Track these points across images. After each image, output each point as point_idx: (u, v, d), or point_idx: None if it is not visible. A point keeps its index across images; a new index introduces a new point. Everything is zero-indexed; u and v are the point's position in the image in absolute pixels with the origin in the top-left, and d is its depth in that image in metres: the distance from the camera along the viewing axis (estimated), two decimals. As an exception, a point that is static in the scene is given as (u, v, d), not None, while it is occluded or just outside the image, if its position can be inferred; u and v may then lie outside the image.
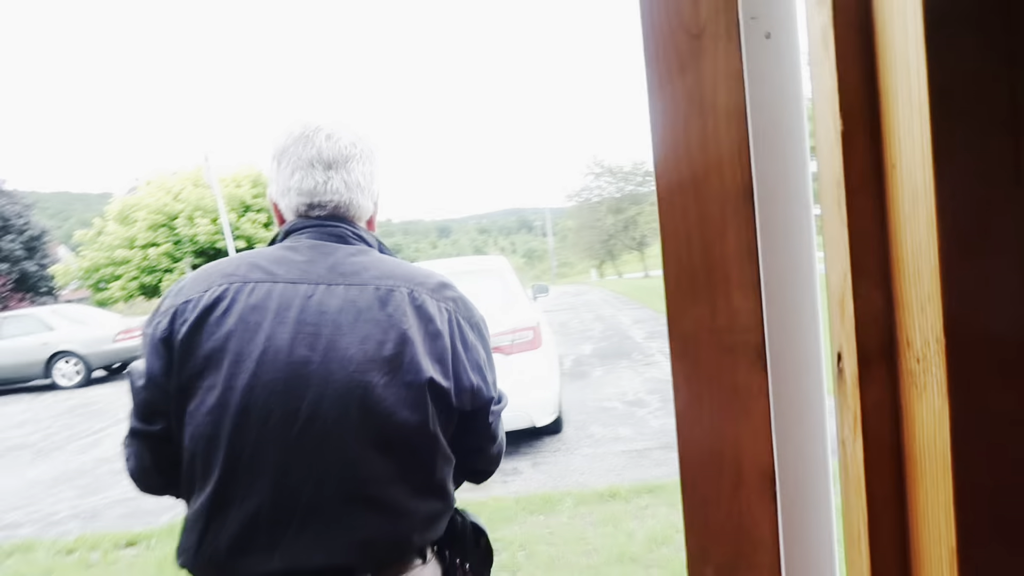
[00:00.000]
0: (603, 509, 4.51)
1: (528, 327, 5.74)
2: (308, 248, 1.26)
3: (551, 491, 4.94)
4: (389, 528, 1.18)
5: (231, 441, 1.14)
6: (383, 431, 1.16)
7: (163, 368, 1.19)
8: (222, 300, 1.19)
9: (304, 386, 1.15)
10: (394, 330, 1.19)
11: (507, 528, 4.37)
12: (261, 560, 1.14)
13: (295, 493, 1.15)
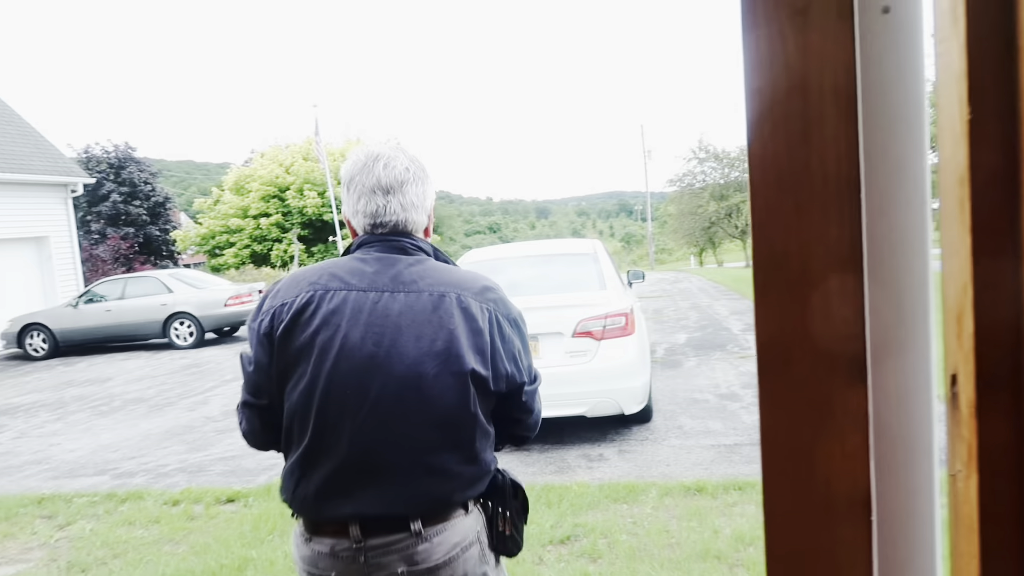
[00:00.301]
0: (689, 503, 4.41)
1: (621, 313, 5.65)
2: (375, 260, 1.60)
3: (636, 480, 4.87)
4: (437, 488, 1.54)
5: (317, 415, 1.51)
6: (433, 411, 1.51)
7: (267, 358, 1.56)
8: (309, 304, 1.54)
9: (372, 375, 1.50)
10: (443, 329, 1.52)
11: (589, 514, 4.34)
12: (338, 505, 1.53)
13: (364, 457, 1.52)
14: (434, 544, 1.57)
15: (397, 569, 1.56)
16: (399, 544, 1.56)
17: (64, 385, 10.71)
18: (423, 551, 1.56)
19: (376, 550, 1.55)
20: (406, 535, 1.55)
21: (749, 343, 9.78)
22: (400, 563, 1.55)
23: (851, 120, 0.52)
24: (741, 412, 6.36)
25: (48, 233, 16.26)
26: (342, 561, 1.57)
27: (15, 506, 5.22)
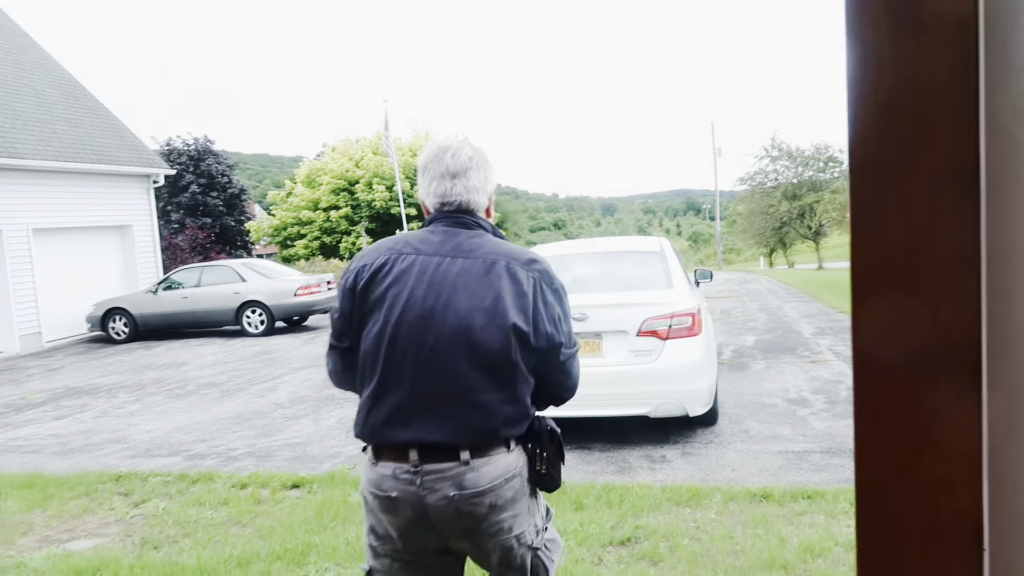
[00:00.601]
0: (754, 510, 4.29)
1: (687, 312, 5.53)
2: (441, 232, 1.94)
3: (699, 484, 4.76)
4: (482, 422, 1.84)
5: (386, 356, 1.85)
6: (480, 357, 1.82)
7: (349, 308, 1.92)
8: (385, 265, 1.90)
9: (430, 324, 1.83)
10: (492, 290, 1.85)
11: (650, 517, 4.26)
12: (401, 432, 1.85)
13: (423, 393, 1.83)
14: (480, 473, 1.86)
15: (448, 492, 1.84)
16: (450, 471, 1.85)
17: (143, 368, 11.15)
18: (471, 478, 1.85)
19: (431, 475, 1.85)
20: (456, 463, 1.85)
21: (820, 347, 9.48)
22: (451, 487, 1.84)
23: (970, 103, 0.47)
24: (811, 418, 6.16)
25: (131, 222, 16.95)
26: (401, 482, 1.87)
27: (95, 482, 5.45)
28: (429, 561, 1.99)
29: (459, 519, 1.87)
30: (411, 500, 1.87)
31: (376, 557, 2.03)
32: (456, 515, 1.87)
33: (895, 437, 0.49)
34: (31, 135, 14.93)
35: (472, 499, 1.85)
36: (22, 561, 4.10)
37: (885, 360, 0.50)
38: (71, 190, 15.44)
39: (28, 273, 14.24)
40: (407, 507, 1.88)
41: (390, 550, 1.98)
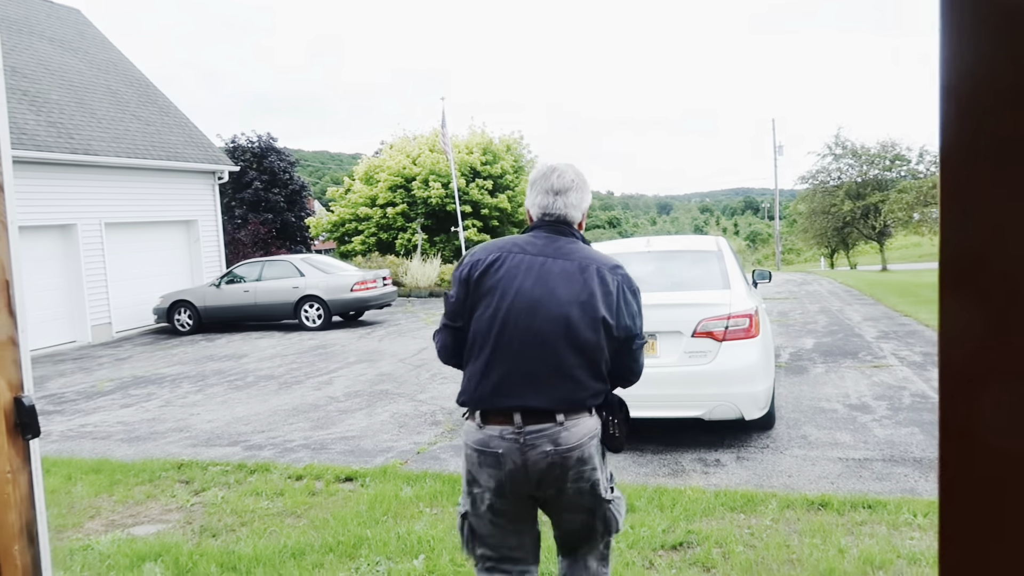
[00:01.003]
0: (812, 518, 4.17)
1: (745, 314, 5.41)
2: (544, 237, 2.40)
3: (755, 490, 4.66)
4: (574, 392, 2.28)
5: (496, 336, 2.29)
6: (575, 340, 2.27)
7: (464, 294, 2.36)
8: (497, 261, 2.34)
9: (535, 311, 2.27)
10: (586, 287, 2.30)
11: (703, 522, 4.19)
12: (507, 399, 2.27)
13: (527, 367, 2.27)
14: (571, 432, 2.29)
15: (546, 448, 2.27)
16: (548, 431, 2.28)
17: (205, 359, 11.48)
18: (564, 436, 2.28)
19: (532, 434, 2.28)
20: (552, 424, 2.28)
21: (884, 352, 9.18)
22: (548, 443, 2.27)
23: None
24: (873, 425, 5.97)
25: (197, 217, 17.47)
26: (507, 441, 2.29)
27: (158, 469, 5.63)
28: (514, 507, 2.40)
29: (552, 470, 2.30)
30: (514, 455, 2.30)
31: (472, 503, 2.46)
32: (550, 467, 2.29)
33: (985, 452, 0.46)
34: (105, 132, 15.51)
35: (565, 453, 2.29)
36: (89, 544, 4.26)
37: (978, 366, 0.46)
38: (141, 186, 15.99)
39: (100, 266, 14.80)
40: (510, 461, 2.31)
41: (485, 497, 2.39)
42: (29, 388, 1.54)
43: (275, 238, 26.11)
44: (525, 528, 2.47)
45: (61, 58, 16.95)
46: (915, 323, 11.61)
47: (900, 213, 33.05)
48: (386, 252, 26.62)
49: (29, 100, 14.55)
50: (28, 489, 1.54)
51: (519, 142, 30.61)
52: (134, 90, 18.08)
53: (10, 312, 1.50)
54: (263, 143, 28.14)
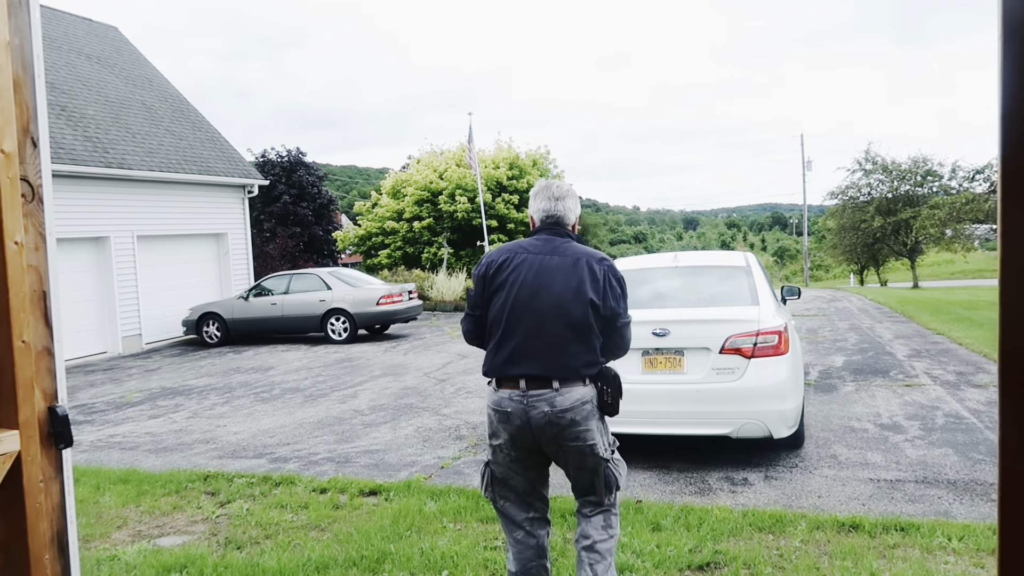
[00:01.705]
0: (842, 540, 4.09)
1: (774, 330, 5.35)
2: (544, 238, 3.04)
3: (783, 510, 4.58)
4: (568, 362, 2.85)
5: (506, 320, 2.90)
6: (568, 319, 2.85)
7: (481, 288, 2.99)
8: (507, 260, 2.97)
9: (535, 298, 2.87)
10: (577, 277, 2.89)
11: (731, 541, 4.12)
12: (514, 368, 2.87)
13: (530, 343, 2.86)
14: (565, 397, 2.87)
15: (544, 408, 2.85)
16: (546, 394, 2.87)
17: (232, 371, 11.59)
18: (559, 400, 2.86)
19: (533, 397, 2.87)
20: (549, 389, 2.87)
21: (916, 370, 9.01)
22: (546, 405, 2.86)
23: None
24: (905, 445, 5.85)
25: (227, 230, 17.71)
26: (514, 402, 2.90)
27: (184, 480, 5.68)
28: (527, 458, 2.99)
29: (550, 427, 2.87)
30: (519, 414, 2.89)
31: (493, 454, 3.06)
32: (548, 424, 2.86)
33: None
34: (139, 147, 15.81)
35: (559, 413, 2.86)
36: (115, 554, 4.29)
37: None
38: (173, 199, 16.26)
39: (132, 278, 15.04)
40: (516, 418, 2.90)
41: (503, 448, 3.00)
42: (63, 398, 1.55)
43: (303, 251, 26.37)
44: (532, 475, 3.05)
45: (98, 74, 17.34)
46: (948, 341, 11.40)
47: (932, 229, 32.55)
48: (412, 266, 26.75)
49: (67, 115, 14.88)
50: (60, 498, 1.56)
51: (545, 157, 30.68)
52: (168, 105, 18.43)
53: (47, 322, 1.52)
54: (292, 157, 28.50)
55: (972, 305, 17.36)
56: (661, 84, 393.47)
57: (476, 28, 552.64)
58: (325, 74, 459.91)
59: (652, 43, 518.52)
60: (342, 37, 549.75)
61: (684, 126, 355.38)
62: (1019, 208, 0.44)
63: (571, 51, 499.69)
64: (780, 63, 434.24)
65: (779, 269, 64.94)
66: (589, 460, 2.94)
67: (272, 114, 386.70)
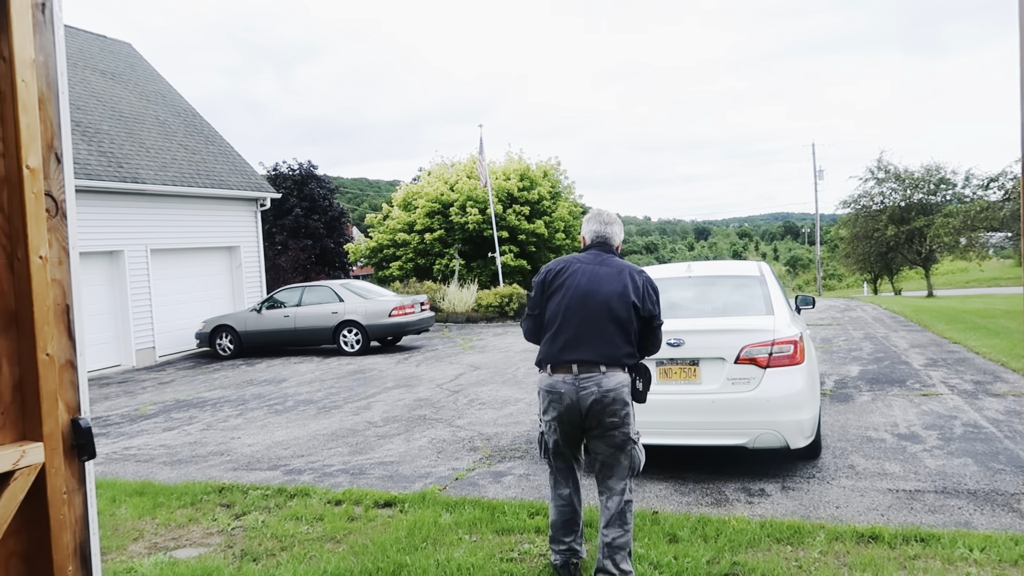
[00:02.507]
0: (862, 551, 4.05)
1: (789, 340, 5.32)
2: (594, 254, 3.84)
3: (801, 521, 4.54)
4: (612, 352, 3.57)
5: (562, 316, 3.65)
6: (614, 316, 3.60)
7: (540, 292, 3.79)
8: (564, 268, 3.76)
9: (587, 299, 3.63)
10: (621, 283, 3.66)
11: (749, 553, 4.09)
12: (567, 355, 3.59)
13: (583, 335, 3.59)
14: (609, 379, 3.55)
15: (592, 388, 3.52)
16: (595, 376, 3.55)
17: (245, 383, 11.62)
18: (604, 381, 3.54)
19: (583, 378, 3.55)
20: (597, 372, 3.55)
21: (933, 380, 8.93)
22: (594, 386, 3.53)
23: None
24: (923, 455, 5.79)
25: (239, 243, 17.82)
26: (567, 384, 3.57)
27: (200, 493, 5.69)
28: (571, 432, 3.70)
29: (595, 405, 3.55)
30: (571, 393, 3.59)
31: (546, 426, 3.76)
32: (594, 402, 3.55)
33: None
34: (152, 161, 15.96)
35: (604, 393, 3.55)
36: (132, 567, 4.30)
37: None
38: (186, 213, 16.38)
39: (145, 291, 15.15)
40: (567, 397, 3.60)
41: (553, 422, 3.70)
42: (86, 410, 1.56)
43: (315, 264, 26.48)
44: (575, 444, 3.79)
45: (112, 90, 17.53)
46: (965, 350, 11.29)
47: (946, 238, 32.34)
48: (423, 277, 26.81)
49: (81, 131, 15.05)
50: (83, 510, 1.56)
51: (556, 168, 30.72)
52: (181, 120, 18.60)
53: (70, 336, 1.53)
54: (304, 170, 28.67)
55: (988, 314, 17.21)
56: (671, 94, 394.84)
57: (486, 40, 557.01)
58: (335, 88, 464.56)
59: (662, 53, 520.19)
60: (351, 51, 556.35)
61: (694, 136, 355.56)
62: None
63: (581, 62, 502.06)
64: (790, 72, 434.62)
65: (792, 279, 64.64)
66: (619, 437, 3.61)
67: (283, 127, 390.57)
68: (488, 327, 19.01)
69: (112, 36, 20.31)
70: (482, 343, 15.36)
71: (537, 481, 5.68)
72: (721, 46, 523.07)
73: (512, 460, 6.32)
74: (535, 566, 4.07)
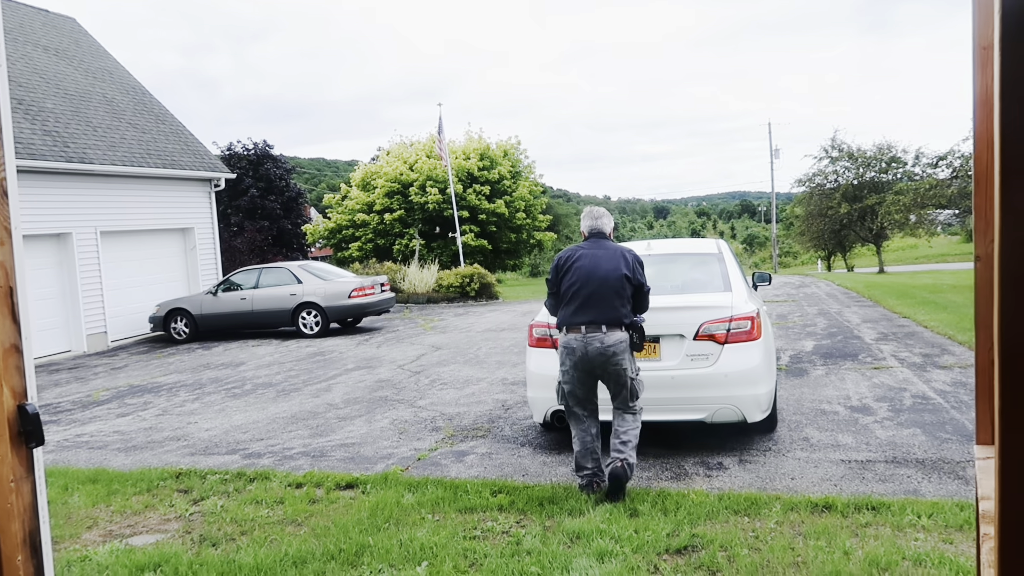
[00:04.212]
0: (816, 520, 4.16)
1: (746, 316, 5.40)
2: (594, 243, 5.00)
3: (758, 492, 4.64)
4: (612, 314, 4.71)
5: (573, 292, 4.80)
6: (613, 288, 4.75)
7: (556, 276, 4.95)
8: (572, 256, 4.94)
9: (592, 276, 4.78)
10: (616, 261, 4.81)
11: (707, 525, 4.17)
12: (579, 317, 4.75)
13: (588, 303, 4.74)
14: (611, 337, 4.67)
15: (596, 344, 4.64)
16: (599, 335, 4.66)
17: (202, 367, 11.43)
18: (605, 339, 4.66)
19: (589, 336, 4.67)
20: (601, 331, 4.67)
21: (883, 353, 9.18)
22: (597, 342, 4.65)
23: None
24: (874, 426, 5.96)
25: (193, 224, 17.42)
26: (577, 340, 4.70)
27: (156, 479, 5.59)
28: (585, 378, 4.75)
29: (600, 356, 4.65)
30: (580, 348, 4.67)
31: (563, 376, 4.80)
32: (599, 355, 4.64)
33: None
34: (100, 140, 15.48)
35: (606, 347, 4.64)
36: (87, 555, 4.22)
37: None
38: (137, 194, 15.95)
39: (95, 274, 14.75)
40: (578, 351, 4.68)
41: (570, 371, 4.75)
42: (33, 395, 1.52)
43: (272, 245, 26.05)
44: (590, 389, 4.82)
45: (56, 67, 16.92)
46: (914, 324, 11.62)
47: (897, 215, 33.10)
48: (383, 258, 26.58)
49: (24, 109, 14.51)
50: (32, 498, 1.52)
51: (516, 147, 30.60)
52: (130, 98, 18.05)
53: (14, 319, 1.48)
54: (259, 150, 28.10)
55: (936, 289, 17.71)
56: (629, 73, 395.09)
57: (443, 18, 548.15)
58: (291, 66, 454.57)
59: (619, 32, 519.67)
60: (308, 29, 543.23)
61: (653, 116, 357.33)
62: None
63: (542, 40, 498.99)
64: (747, 52, 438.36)
65: (748, 256, 65.66)
66: (622, 378, 4.71)
67: (238, 106, 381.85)
68: (449, 307, 18.96)
69: (55, 10, 19.56)
70: (443, 323, 15.32)
71: (499, 460, 5.70)
72: (683, 23, 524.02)
73: (474, 439, 6.33)
74: (498, 543, 4.09)
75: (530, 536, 4.15)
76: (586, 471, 4.82)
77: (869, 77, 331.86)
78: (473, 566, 3.85)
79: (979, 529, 0.99)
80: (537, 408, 5.78)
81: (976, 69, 1.29)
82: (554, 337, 5.69)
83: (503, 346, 11.62)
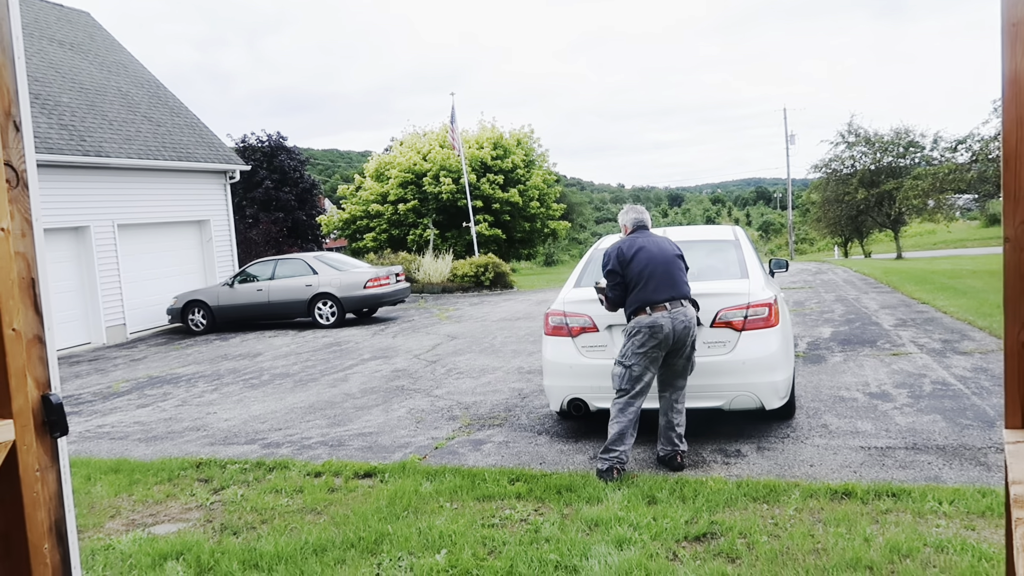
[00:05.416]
0: (835, 507, 4.13)
1: (764, 303, 5.37)
2: (642, 233, 5.32)
3: (777, 479, 4.62)
4: (685, 291, 5.06)
5: (647, 274, 5.01)
6: (678, 267, 5.13)
7: (620, 266, 5.10)
8: (632, 245, 5.15)
9: (656, 258, 5.07)
10: (672, 245, 5.23)
11: (726, 512, 4.16)
12: (659, 296, 4.94)
13: (664, 282, 5.00)
14: (688, 310, 4.99)
15: (682, 318, 4.90)
16: (680, 310, 4.93)
17: (220, 358, 11.52)
18: (688, 313, 4.97)
19: (675, 312, 4.91)
20: (682, 306, 4.96)
21: (902, 339, 9.10)
22: (683, 316, 4.91)
23: None
24: (894, 413, 5.91)
25: (209, 217, 17.52)
26: (664, 318, 4.86)
27: (177, 468, 5.65)
28: (660, 354, 4.90)
29: (685, 332, 4.89)
30: (668, 324, 4.84)
31: (638, 359, 4.88)
32: (684, 329, 4.88)
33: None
34: (116, 134, 15.58)
35: (690, 321, 4.92)
36: (110, 544, 4.27)
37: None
38: (153, 187, 16.05)
39: (113, 267, 14.88)
40: (667, 328, 4.84)
41: (651, 352, 4.87)
42: (56, 386, 1.53)
43: (287, 236, 26.16)
44: (655, 370, 4.98)
45: (71, 61, 17.03)
46: (933, 310, 11.50)
47: (915, 200, 32.76)
48: (398, 248, 26.65)
49: (40, 103, 14.62)
50: (57, 487, 1.53)
51: (529, 136, 30.53)
52: (145, 92, 18.15)
53: (36, 310, 1.49)
54: (273, 142, 28.19)
55: (955, 274, 17.53)
56: (644, 60, 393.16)
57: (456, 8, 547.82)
58: (304, 58, 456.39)
59: (635, 18, 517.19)
60: (321, 21, 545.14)
61: (667, 102, 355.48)
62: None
63: (554, 28, 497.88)
64: (761, 38, 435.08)
65: (764, 243, 65.27)
66: (691, 350, 4.99)
67: (251, 99, 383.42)
68: (464, 297, 18.99)
69: (69, 5, 19.66)
70: (458, 313, 15.35)
71: (516, 448, 5.71)
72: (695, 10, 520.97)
73: (491, 428, 6.35)
74: (516, 531, 4.10)
75: (548, 524, 4.16)
76: (612, 454, 4.83)
77: (884, 61, 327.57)
78: (492, 554, 3.86)
79: (1010, 513, 0.98)
80: (554, 396, 5.78)
81: (1005, 46, 1.26)
82: (571, 326, 5.68)
83: (519, 335, 11.62)
